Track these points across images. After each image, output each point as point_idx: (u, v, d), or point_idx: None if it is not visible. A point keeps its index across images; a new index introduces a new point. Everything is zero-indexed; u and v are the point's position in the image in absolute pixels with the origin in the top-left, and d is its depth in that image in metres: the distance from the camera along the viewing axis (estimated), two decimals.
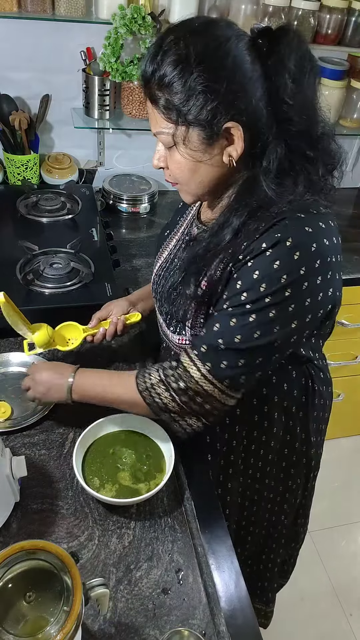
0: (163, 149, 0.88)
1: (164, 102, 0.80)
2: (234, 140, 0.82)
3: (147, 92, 0.83)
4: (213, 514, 0.98)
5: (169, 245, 1.11)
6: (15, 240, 1.42)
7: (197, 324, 0.96)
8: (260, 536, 1.28)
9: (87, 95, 1.76)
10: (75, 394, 1.01)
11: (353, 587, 2.01)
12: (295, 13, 1.74)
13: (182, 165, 0.86)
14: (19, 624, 0.61)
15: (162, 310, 1.07)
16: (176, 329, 1.03)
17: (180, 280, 0.98)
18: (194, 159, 0.84)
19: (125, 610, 0.82)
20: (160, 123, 0.83)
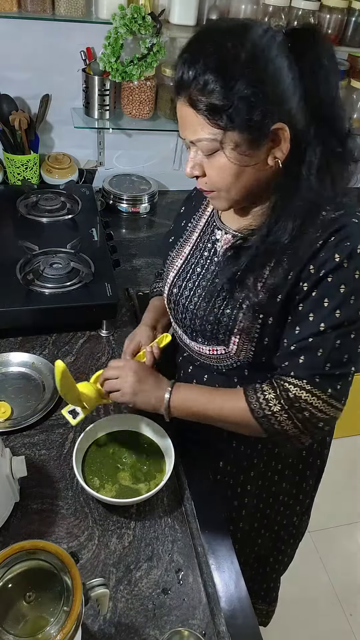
0: (199, 156, 0.85)
1: (210, 107, 0.78)
2: (280, 141, 0.82)
3: (185, 98, 0.80)
4: (213, 514, 0.98)
5: (181, 253, 1.07)
6: (15, 240, 1.42)
7: (250, 332, 0.92)
8: (269, 539, 1.28)
9: (87, 95, 1.76)
10: (175, 409, 0.97)
11: (353, 587, 2.01)
12: (295, 13, 1.74)
13: (225, 171, 0.83)
14: (19, 624, 0.61)
15: (185, 323, 1.03)
16: (207, 340, 1.00)
17: (226, 290, 0.94)
18: (240, 163, 0.82)
19: (125, 610, 0.82)
20: (204, 129, 0.80)
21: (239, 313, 0.93)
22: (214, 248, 1.01)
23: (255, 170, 0.84)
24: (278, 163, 0.84)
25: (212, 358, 1.02)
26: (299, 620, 1.85)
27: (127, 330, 1.34)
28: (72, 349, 1.27)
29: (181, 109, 0.83)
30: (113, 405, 1.14)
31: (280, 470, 1.16)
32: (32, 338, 1.28)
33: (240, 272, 0.91)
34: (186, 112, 0.82)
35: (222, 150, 0.82)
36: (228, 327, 0.94)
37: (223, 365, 1.02)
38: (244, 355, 0.96)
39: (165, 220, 1.89)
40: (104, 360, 1.25)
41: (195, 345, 1.05)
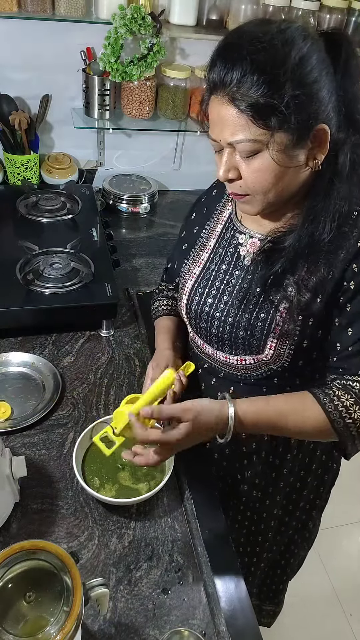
0: (236, 159, 0.83)
1: (258, 106, 0.76)
2: (321, 142, 0.81)
3: (226, 97, 0.77)
4: (213, 514, 0.98)
5: (198, 260, 1.03)
6: (15, 240, 1.42)
7: (289, 335, 0.90)
8: (284, 543, 1.29)
9: (87, 95, 1.76)
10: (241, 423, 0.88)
11: (353, 587, 2.01)
12: (295, 13, 1.74)
13: (266, 172, 0.81)
14: (19, 624, 0.61)
15: (210, 332, 1.00)
16: (235, 349, 0.97)
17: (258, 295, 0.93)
18: (283, 165, 0.81)
19: (125, 610, 0.82)
20: (248, 130, 0.78)
21: (275, 316, 0.91)
22: (237, 252, 0.99)
23: (295, 172, 0.83)
24: (317, 165, 0.83)
25: (240, 368, 0.99)
26: (299, 621, 1.85)
27: (127, 331, 1.35)
28: (72, 349, 1.27)
29: (220, 108, 0.79)
30: (113, 405, 1.14)
31: (303, 477, 1.15)
32: (32, 338, 1.28)
33: (276, 274, 0.90)
34: (226, 112, 0.78)
35: (266, 151, 0.79)
36: (264, 331, 0.92)
37: (251, 375, 0.99)
38: (281, 360, 0.93)
39: (165, 220, 1.89)
40: (104, 360, 1.25)
41: (221, 355, 1.01)
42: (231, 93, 0.76)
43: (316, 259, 0.87)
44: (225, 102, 0.78)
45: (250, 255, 0.97)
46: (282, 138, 0.78)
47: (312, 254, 0.87)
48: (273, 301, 0.91)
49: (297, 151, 0.80)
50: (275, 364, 0.94)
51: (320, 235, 0.86)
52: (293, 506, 1.20)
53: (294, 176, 0.84)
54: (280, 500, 1.17)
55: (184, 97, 1.82)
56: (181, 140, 2.00)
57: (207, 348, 1.04)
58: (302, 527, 1.28)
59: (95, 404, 1.14)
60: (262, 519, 1.20)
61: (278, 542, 1.28)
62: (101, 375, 1.21)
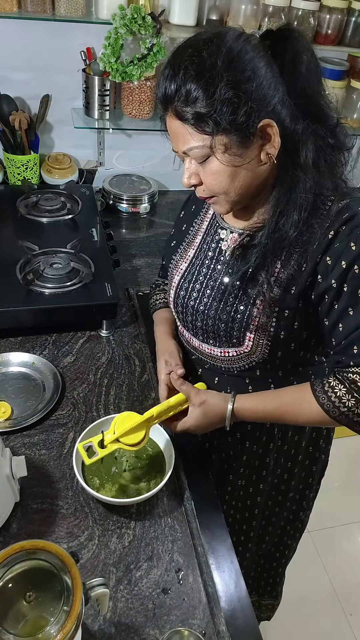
0: (194, 166, 0.87)
1: (195, 115, 0.80)
2: (270, 137, 0.83)
3: (171, 112, 0.83)
4: (213, 514, 0.98)
5: (185, 256, 1.07)
6: (15, 240, 1.42)
7: (266, 327, 0.93)
8: (276, 535, 1.30)
9: (87, 95, 1.76)
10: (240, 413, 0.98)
11: (353, 587, 2.01)
12: (295, 13, 1.74)
13: (220, 174, 0.85)
14: (19, 624, 0.61)
15: (196, 325, 1.03)
16: (219, 341, 1.01)
17: (238, 288, 0.95)
18: (234, 165, 0.83)
19: (125, 610, 0.82)
20: (193, 138, 0.82)
21: (252, 309, 0.93)
22: (219, 247, 1.02)
23: (250, 169, 0.85)
24: (271, 159, 0.85)
25: (224, 360, 1.03)
26: (299, 620, 1.85)
27: (127, 330, 1.35)
28: (72, 349, 1.27)
29: (170, 122, 0.85)
30: (113, 405, 1.14)
31: (290, 468, 1.17)
32: (32, 338, 1.28)
33: (251, 269, 0.92)
34: (174, 125, 0.84)
35: (213, 155, 0.83)
36: (242, 324, 0.95)
37: (234, 367, 1.02)
38: (260, 352, 0.96)
39: (165, 220, 1.89)
40: (104, 360, 1.25)
41: (206, 348, 1.05)
42: (173, 107, 0.82)
43: (289, 253, 0.89)
44: (172, 117, 0.84)
45: (230, 250, 0.99)
46: (223, 140, 0.81)
47: (282, 248, 0.89)
48: (250, 295, 0.93)
49: (244, 149, 0.82)
50: (255, 355, 0.97)
51: (288, 229, 0.87)
52: (282, 497, 1.22)
53: (250, 173, 0.86)
54: (267, 489, 1.18)
55: None
56: None
57: (194, 340, 1.07)
58: (294, 517, 1.29)
59: (95, 404, 1.14)
60: (249, 508, 1.21)
61: (270, 534, 1.29)
62: (101, 375, 1.21)
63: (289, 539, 1.34)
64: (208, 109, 0.78)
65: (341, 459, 2.40)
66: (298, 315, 0.92)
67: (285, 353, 0.97)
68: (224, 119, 0.78)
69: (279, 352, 0.96)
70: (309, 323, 0.93)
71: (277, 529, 1.29)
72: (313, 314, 0.92)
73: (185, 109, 0.80)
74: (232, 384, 1.05)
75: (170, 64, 0.82)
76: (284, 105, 0.83)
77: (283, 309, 0.92)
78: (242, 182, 0.86)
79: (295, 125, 0.85)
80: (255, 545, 1.29)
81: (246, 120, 0.79)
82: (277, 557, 1.38)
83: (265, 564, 1.38)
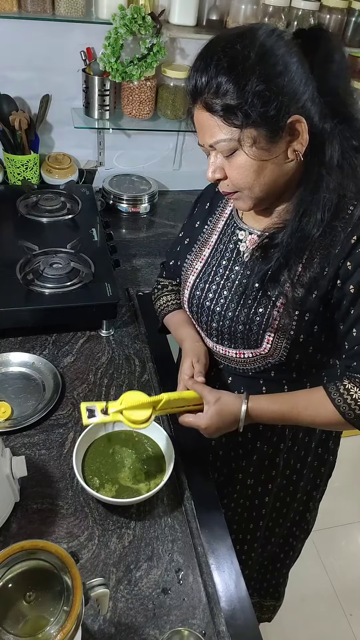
0: (219, 160, 0.86)
1: (225, 107, 0.79)
2: (298, 133, 0.82)
3: (201, 104, 0.82)
4: (213, 514, 0.98)
5: (200, 256, 1.06)
6: (15, 240, 1.42)
7: (286, 329, 0.92)
8: (282, 536, 1.30)
9: (87, 95, 1.76)
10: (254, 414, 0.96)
11: (353, 587, 2.01)
12: (295, 13, 1.74)
13: (247, 169, 0.84)
14: (19, 624, 0.61)
15: (211, 325, 1.02)
16: (235, 343, 1.00)
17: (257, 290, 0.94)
18: (260, 159, 0.83)
19: (125, 610, 0.82)
20: (221, 130, 0.82)
21: (272, 311, 0.93)
22: (237, 248, 1.01)
23: (276, 165, 0.85)
24: (298, 156, 0.84)
25: (239, 361, 1.02)
26: (299, 620, 1.85)
27: (127, 330, 1.35)
28: (72, 349, 1.27)
29: (198, 115, 0.84)
30: None
31: (299, 469, 1.17)
32: (32, 338, 1.28)
33: (272, 270, 0.91)
34: (202, 117, 0.83)
35: (241, 149, 0.82)
36: (262, 325, 0.94)
37: (249, 368, 1.02)
38: (278, 354, 0.95)
39: (165, 220, 1.89)
40: (104, 360, 1.25)
41: (221, 349, 1.04)
42: (203, 99, 0.81)
43: (311, 255, 0.88)
44: (201, 109, 0.83)
45: (249, 251, 0.98)
46: (251, 133, 0.81)
47: (305, 249, 0.88)
48: (271, 296, 0.92)
49: (272, 144, 0.82)
50: (273, 357, 0.96)
51: (312, 229, 0.86)
52: (290, 498, 1.21)
53: (277, 169, 0.85)
54: (275, 490, 1.18)
55: (184, 97, 1.82)
56: (181, 140, 2.00)
57: (208, 341, 1.07)
58: (300, 518, 1.28)
59: None
60: (256, 508, 1.21)
61: (276, 534, 1.29)
62: (101, 375, 1.21)
63: (294, 540, 1.33)
64: (238, 101, 0.78)
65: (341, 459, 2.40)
66: (318, 319, 0.91)
67: (303, 355, 0.96)
68: (254, 111, 0.78)
69: (297, 355, 0.95)
70: (328, 327, 0.93)
71: (283, 530, 1.29)
72: (331, 317, 0.91)
73: (215, 101, 0.80)
74: (246, 384, 1.04)
75: (202, 56, 0.81)
76: (313, 102, 0.83)
77: (304, 311, 0.91)
78: (268, 177, 0.85)
79: (324, 123, 0.84)
80: (261, 546, 1.28)
81: (276, 114, 0.79)
82: (281, 558, 1.37)
83: (269, 565, 1.38)
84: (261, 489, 1.18)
